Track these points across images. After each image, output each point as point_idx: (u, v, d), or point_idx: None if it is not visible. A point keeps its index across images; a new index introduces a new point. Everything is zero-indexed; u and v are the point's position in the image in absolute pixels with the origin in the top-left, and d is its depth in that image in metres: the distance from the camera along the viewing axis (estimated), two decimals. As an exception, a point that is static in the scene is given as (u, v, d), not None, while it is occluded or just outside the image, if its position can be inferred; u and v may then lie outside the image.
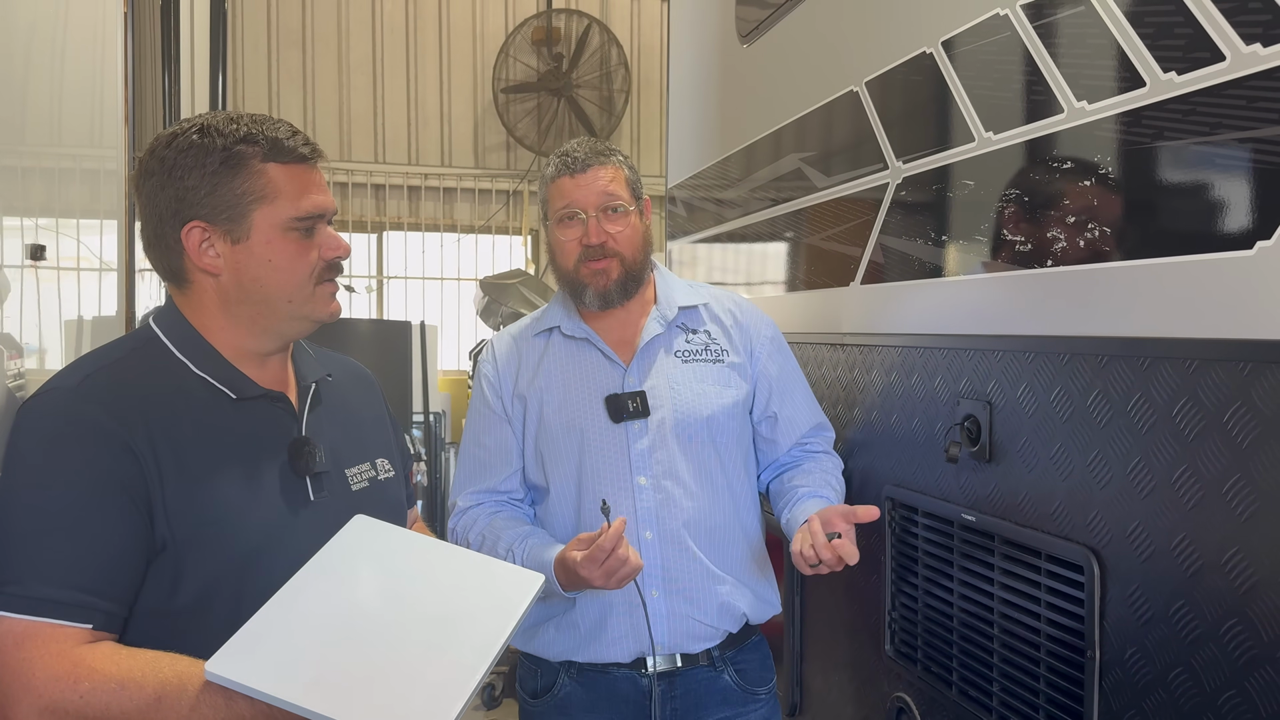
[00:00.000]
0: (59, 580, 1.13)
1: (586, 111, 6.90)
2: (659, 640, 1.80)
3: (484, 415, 1.93)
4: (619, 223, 1.83)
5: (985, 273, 1.71)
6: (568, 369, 1.88)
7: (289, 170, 1.29)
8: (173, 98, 3.30)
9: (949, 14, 1.79)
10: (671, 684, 1.82)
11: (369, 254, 7.18)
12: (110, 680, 1.10)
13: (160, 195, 1.27)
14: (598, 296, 1.84)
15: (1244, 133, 1.21)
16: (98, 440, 1.18)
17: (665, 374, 1.86)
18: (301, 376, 1.41)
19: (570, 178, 1.83)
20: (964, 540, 1.78)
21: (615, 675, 1.83)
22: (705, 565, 1.82)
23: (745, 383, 1.91)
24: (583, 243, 1.82)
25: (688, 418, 1.83)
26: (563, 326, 1.90)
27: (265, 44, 6.87)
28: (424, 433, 5.35)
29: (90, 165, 2.32)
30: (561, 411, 1.85)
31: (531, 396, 1.88)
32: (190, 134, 1.27)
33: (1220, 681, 1.25)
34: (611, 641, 1.81)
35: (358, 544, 1.26)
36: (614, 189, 1.83)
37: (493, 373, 1.93)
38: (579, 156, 1.83)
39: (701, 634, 1.83)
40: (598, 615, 1.81)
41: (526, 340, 1.94)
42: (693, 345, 1.90)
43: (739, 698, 1.87)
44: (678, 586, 1.81)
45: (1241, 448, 1.21)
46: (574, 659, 1.84)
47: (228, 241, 1.27)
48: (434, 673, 1.12)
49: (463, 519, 1.89)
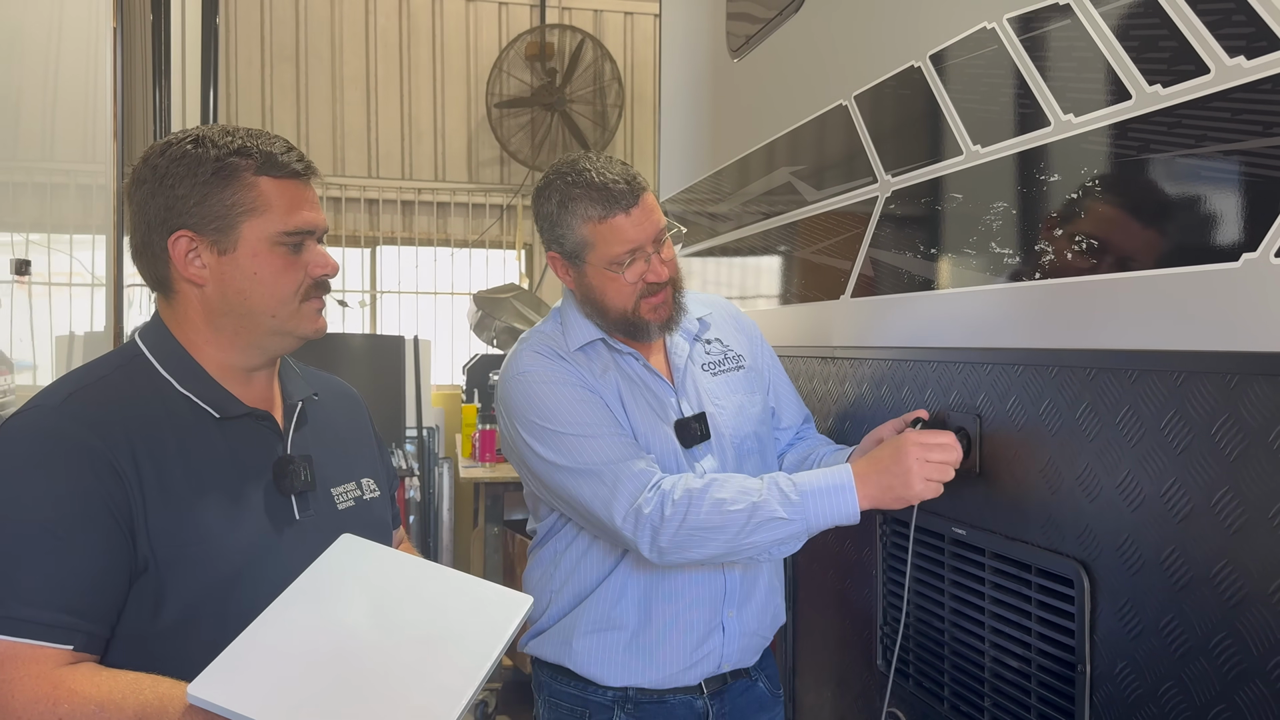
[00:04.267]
0: (40, 601, 1.12)
1: (580, 126, 6.91)
2: (728, 660, 1.79)
3: (585, 401, 1.67)
4: (668, 249, 1.70)
5: (974, 286, 1.71)
6: (628, 386, 1.74)
7: (281, 185, 1.28)
8: (164, 113, 3.30)
9: (937, 28, 1.80)
10: (722, 701, 1.82)
11: (362, 269, 7.17)
12: (90, 702, 1.08)
13: (150, 203, 1.26)
14: (662, 329, 1.72)
15: (1229, 145, 1.21)
16: (80, 459, 1.17)
17: (705, 390, 1.81)
18: (288, 395, 1.40)
19: (626, 215, 1.64)
20: (954, 554, 1.77)
21: (672, 703, 1.78)
22: (767, 578, 1.84)
23: (763, 385, 1.92)
24: (646, 280, 1.67)
25: (739, 432, 1.81)
26: (607, 339, 1.75)
27: (259, 59, 6.88)
28: (417, 448, 5.34)
29: (81, 180, 2.31)
30: (639, 427, 1.72)
31: (614, 404, 1.71)
32: (184, 144, 1.27)
33: (1211, 695, 1.24)
34: (688, 666, 1.75)
35: (344, 563, 1.24)
36: (660, 216, 1.67)
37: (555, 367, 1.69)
38: (623, 188, 1.64)
39: (758, 648, 1.85)
40: (675, 639, 1.74)
41: (570, 355, 1.74)
42: (712, 356, 1.86)
43: (770, 702, 1.90)
44: (751, 604, 1.81)
45: (1230, 460, 1.21)
46: (643, 685, 1.75)
47: (214, 252, 1.26)
48: (421, 695, 1.10)
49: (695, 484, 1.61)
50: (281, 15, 6.92)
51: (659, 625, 1.74)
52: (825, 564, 2.31)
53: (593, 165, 1.67)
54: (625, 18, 7.35)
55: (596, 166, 1.66)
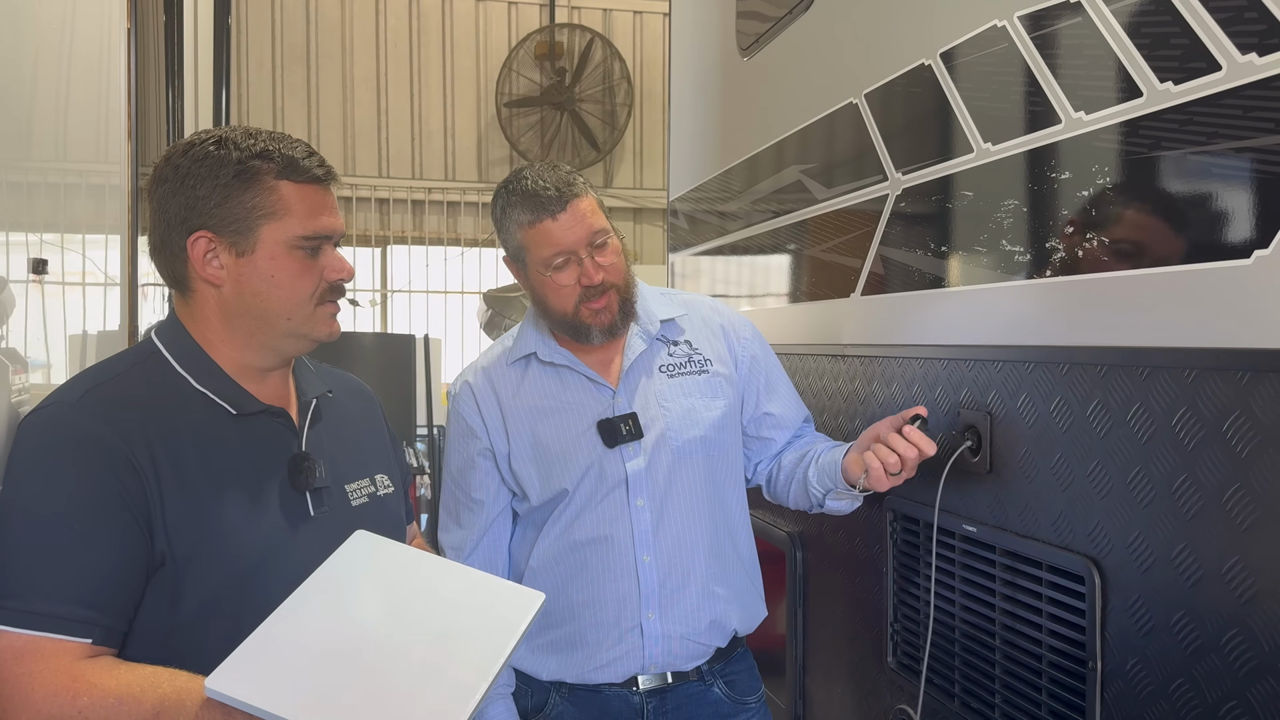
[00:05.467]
0: (59, 595, 1.13)
1: (589, 125, 6.92)
2: (653, 661, 1.80)
3: (468, 465, 1.86)
4: (608, 253, 1.75)
5: (984, 283, 1.71)
6: (553, 397, 1.82)
7: (301, 190, 1.29)
8: (177, 113, 3.32)
9: (947, 26, 1.80)
10: (663, 700, 1.82)
11: (373, 268, 7.20)
12: (109, 695, 1.10)
13: (171, 202, 1.28)
14: (604, 333, 1.77)
15: (1240, 142, 1.21)
16: (98, 455, 1.18)
17: (654, 392, 1.83)
18: (302, 392, 1.41)
19: (553, 219, 1.71)
20: (965, 552, 1.78)
21: (607, 694, 1.82)
22: (702, 583, 1.81)
23: (733, 389, 1.89)
24: (581, 284, 1.73)
25: (681, 435, 1.81)
26: (539, 353, 1.83)
27: (270, 60, 6.91)
28: (428, 446, 5.36)
29: (95, 181, 2.33)
30: (555, 441, 1.80)
31: (520, 431, 1.82)
32: (207, 144, 1.28)
33: (1222, 692, 1.24)
34: (605, 664, 1.79)
35: (358, 559, 1.25)
36: (595, 220, 1.73)
37: (471, 412, 1.85)
38: (551, 194, 1.71)
39: (694, 653, 1.82)
40: (593, 639, 1.80)
41: (500, 371, 1.86)
42: (675, 358, 1.87)
43: (729, 708, 1.87)
44: (674, 609, 1.80)
45: (1241, 457, 1.21)
46: (565, 680, 1.83)
47: (232, 254, 1.28)
48: (434, 690, 1.11)
49: None
50: (292, 16, 6.95)
51: (578, 624, 1.80)
52: (834, 561, 2.32)
53: (531, 173, 1.75)
54: (634, 17, 7.35)
55: (534, 174, 1.74)
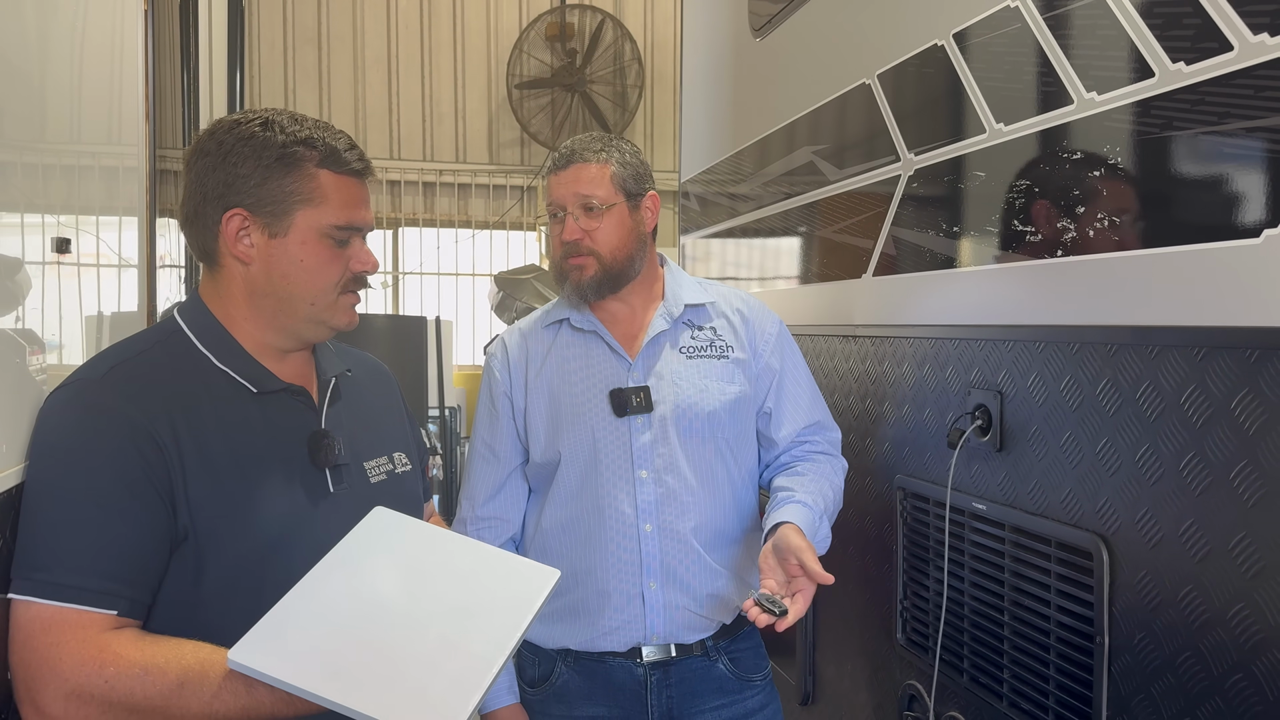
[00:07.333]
0: (85, 568, 1.15)
1: (600, 107, 6.91)
2: (655, 631, 1.82)
3: (491, 415, 1.96)
4: (594, 220, 1.83)
5: (996, 263, 1.72)
6: (575, 361, 1.90)
7: (340, 180, 1.32)
8: (191, 95, 3.34)
9: (960, 6, 1.80)
10: (667, 673, 1.84)
11: (384, 250, 7.22)
12: (134, 665, 1.12)
13: (210, 176, 1.30)
14: (574, 290, 1.86)
15: (1252, 122, 1.22)
16: (122, 431, 1.20)
17: (670, 369, 1.87)
18: (322, 371, 1.43)
19: (555, 174, 1.87)
20: (975, 529, 1.79)
21: (611, 664, 1.84)
22: (703, 559, 1.83)
23: (749, 379, 1.92)
24: (563, 239, 1.85)
25: (690, 413, 1.84)
26: (572, 319, 1.91)
27: (281, 42, 6.91)
28: (439, 427, 5.39)
29: (110, 162, 2.34)
30: (568, 403, 1.87)
31: (540, 388, 1.90)
32: (253, 124, 1.30)
33: (1228, 665, 1.26)
34: (608, 631, 1.83)
35: (377, 536, 1.27)
36: (590, 188, 1.82)
37: (501, 366, 1.96)
38: (564, 153, 1.86)
39: (696, 625, 1.84)
40: (595, 605, 1.83)
41: (536, 333, 1.96)
42: (698, 341, 1.91)
43: (734, 686, 1.89)
44: (675, 579, 1.82)
45: (1249, 434, 1.22)
46: (570, 647, 1.86)
47: (265, 234, 1.30)
48: (452, 664, 1.13)
49: None
50: (304, -2, 6.95)
51: (582, 591, 1.84)
52: (845, 539, 2.34)
53: (574, 139, 1.90)
54: (646, -2, 7.33)
55: (575, 139, 1.90)
